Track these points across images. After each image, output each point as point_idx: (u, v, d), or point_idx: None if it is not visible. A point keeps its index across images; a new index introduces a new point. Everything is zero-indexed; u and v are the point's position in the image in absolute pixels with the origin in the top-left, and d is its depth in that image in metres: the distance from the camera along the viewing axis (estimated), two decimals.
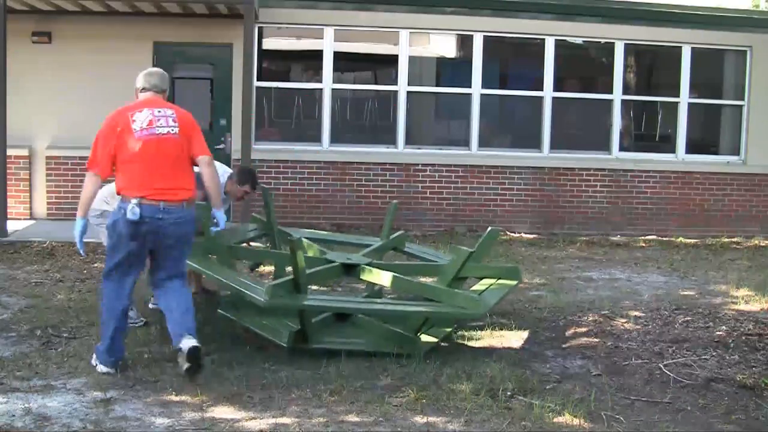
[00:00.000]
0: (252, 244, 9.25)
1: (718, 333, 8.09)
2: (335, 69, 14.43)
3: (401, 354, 6.80)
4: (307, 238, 8.67)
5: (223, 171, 8.27)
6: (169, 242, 6.40)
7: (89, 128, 13.59)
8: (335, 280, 8.74)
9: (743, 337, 7.94)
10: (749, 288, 10.48)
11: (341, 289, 9.64)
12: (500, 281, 7.80)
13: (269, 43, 14.85)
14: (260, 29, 14.32)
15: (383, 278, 7.37)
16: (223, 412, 5.61)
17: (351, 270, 7.58)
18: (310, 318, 6.92)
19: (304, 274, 6.77)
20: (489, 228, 8.18)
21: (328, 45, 14.47)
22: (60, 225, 13.08)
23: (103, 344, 6.43)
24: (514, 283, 7.89)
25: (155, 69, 7.12)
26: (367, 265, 7.50)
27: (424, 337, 7.10)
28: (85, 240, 6.60)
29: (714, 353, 7.42)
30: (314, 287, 8.68)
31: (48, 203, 13.87)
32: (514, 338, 7.74)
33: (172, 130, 6.55)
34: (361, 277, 7.60)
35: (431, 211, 14.61)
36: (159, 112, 6.59)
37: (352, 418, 5.58)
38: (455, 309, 6.96)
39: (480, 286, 7.73)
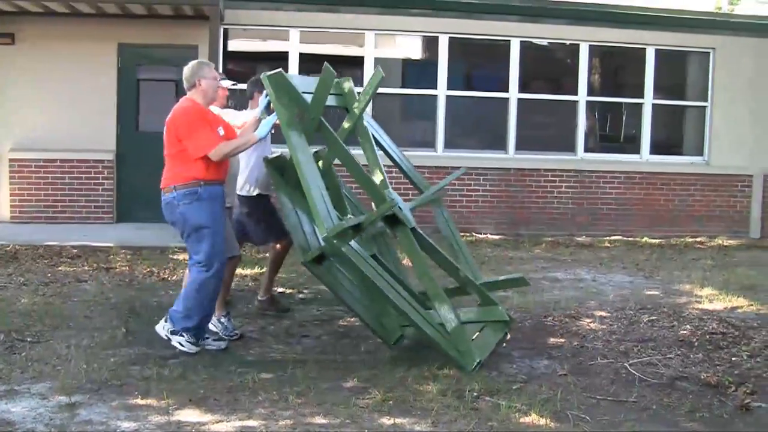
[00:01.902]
0: None
1: (682, 332, 8.14)
2: (301, 71, 14.38)
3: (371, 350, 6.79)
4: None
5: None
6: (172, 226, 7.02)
7: (53, 130, 13.66)
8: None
9: (707, 336, 7.99)
10: (713, 287, 10.56)
11: None
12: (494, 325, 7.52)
13: (235, 45, 14.82)
14: (226, 31, 14.28)
15: (413, 263, 7.15)
16: (189, 415, 5.58)
17: (393, 222, 7.25)
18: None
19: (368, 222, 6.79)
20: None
21: (294, 47, 14.46)
22: (23, 228, 13.01)
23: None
24: (503, 332, 7.63)
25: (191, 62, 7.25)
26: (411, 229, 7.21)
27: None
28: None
29: (678, 352, 7.47)
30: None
31: (11, 206, 13.73)
32: None
33: (165, 127, 6.97)
34: (397, 238, 7.35)
35: None
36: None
37: (319, 420, 5.57)
38: (450, 350, 6.83)
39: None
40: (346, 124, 7.61)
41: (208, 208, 6.76)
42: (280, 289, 9.68)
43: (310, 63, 14.45)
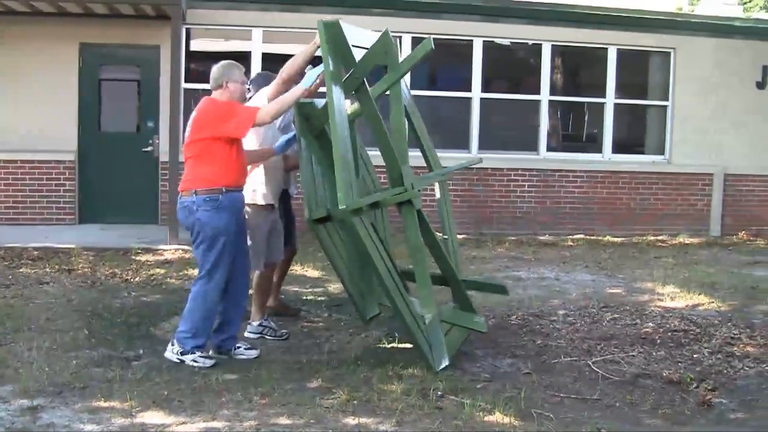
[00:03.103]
0: None
1: (644, 330, 8.21)
2: (264, 70, 14.30)
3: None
4: None
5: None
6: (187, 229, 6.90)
7: (13, 130, 13.54)
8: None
9: (669, 334, 8.07)
10: (675, 285, 10.65)
11: None
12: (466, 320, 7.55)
13: (197, 45, 14.75)
14: (188, 30, 14.22)
15: (409, 244, 7.05)
16: (152, 417, 5.55)
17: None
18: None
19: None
20: None
21: (257, 46, 14.42)
22: None
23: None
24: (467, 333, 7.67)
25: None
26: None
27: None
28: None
29: (641, 350, 7.53)
30: None
31: None
32: None
33: (187, 131, 6.84)
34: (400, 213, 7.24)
35: None
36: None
37: (283, 420, 5.56)
38: (423, 344, 6.82)
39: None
40: (382, 85, 7.43)
41: (227, 217, 6.64)
42: None
43: (272, 63, 14.38)
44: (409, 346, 7.45)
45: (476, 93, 15.16)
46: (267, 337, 7.50)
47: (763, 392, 6.50)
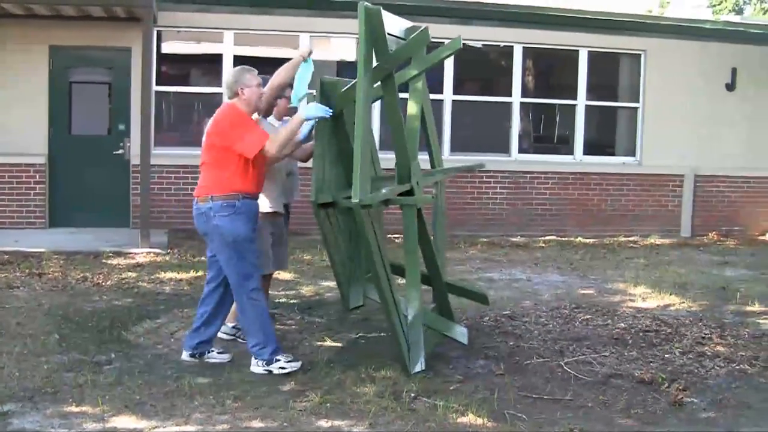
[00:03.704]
0: None
1: (616, 330, 8.25)
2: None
3: None
4: None
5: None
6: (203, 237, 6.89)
7: None
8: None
9: (641, 334, 8.12)
10: (646, 285, 10.71)
11: None
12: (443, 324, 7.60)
13: (168, 47, 14.69)
14: (159, 33, 14.16)
15: (406, 242, 7.10)
16: (124, 421, 5.52)
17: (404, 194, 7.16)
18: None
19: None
20: None
21: (228, 49, 14.38)
22: None
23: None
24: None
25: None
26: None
27: None
28: None
29: (613, 350, 7.56)
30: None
31: None
32: None
33: (204, 134, 6.82)
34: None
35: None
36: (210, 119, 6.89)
37: (257, 424, 5.54)
38: (403, 344, 6.79)
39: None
40: (405, 74, 7.40)
41: (244, 223, 6.58)
42: None
43: (244, 65, 14.32)
44: (381, 348, 7.46)
45: (448, 95, 15.18)
46: (239, 340, 7.47)
47: (734, 391, 6.55)
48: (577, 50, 15.79)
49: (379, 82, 6.90)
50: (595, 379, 6.74)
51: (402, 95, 7.21)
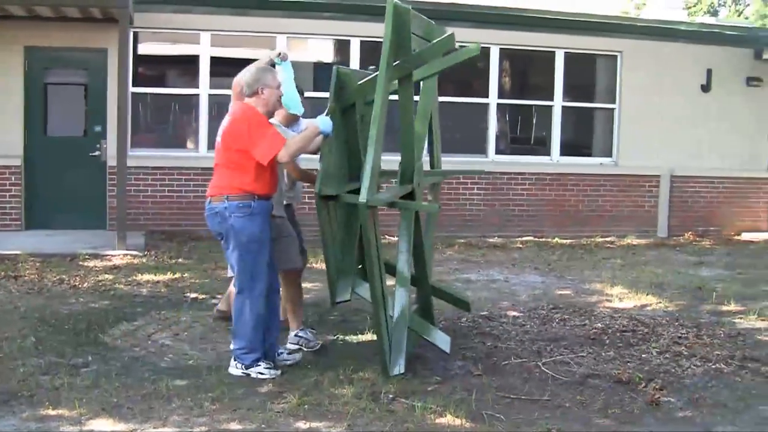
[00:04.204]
0: None
1: (593, 330, 8.28)
2: (212, 74, 14.27)
3: None
4: None
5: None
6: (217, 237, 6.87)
7: None
8: None
9: (618, 334, 8.15)
10: (623, 286, 10.76)
11: None
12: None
13: (145, 48, 14.64)
14: (135, 34, 14.09)
15: (400, 241, 7.14)
16: (102, 424, 5.50)
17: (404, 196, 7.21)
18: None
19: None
20: None
21: (205, 50, 14.34)
22: None
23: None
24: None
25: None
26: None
27: None
28: None
29: (590, 350, 7.59)
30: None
31: None
32: None
33: (219, 137, 6.76)
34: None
35: (309, 216, 14.54)
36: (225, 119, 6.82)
37: (234, 426, 5.53)
38: (386, 344, 6.80)
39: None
40: (419, 74, 7.40)
41: (260, 223, 6.55)
42: (193, 295, 9.59)
43: (221, 66, 14.33)
44: (359, 348, 7.47)
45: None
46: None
47: (710, 390, 6.58)
48: (554, 51, 15.84)
49: (395, 81, 6.90)
50: (572, 379, 6.76)
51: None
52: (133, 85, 13.82)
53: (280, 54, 7.27)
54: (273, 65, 7.15)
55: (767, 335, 8.42)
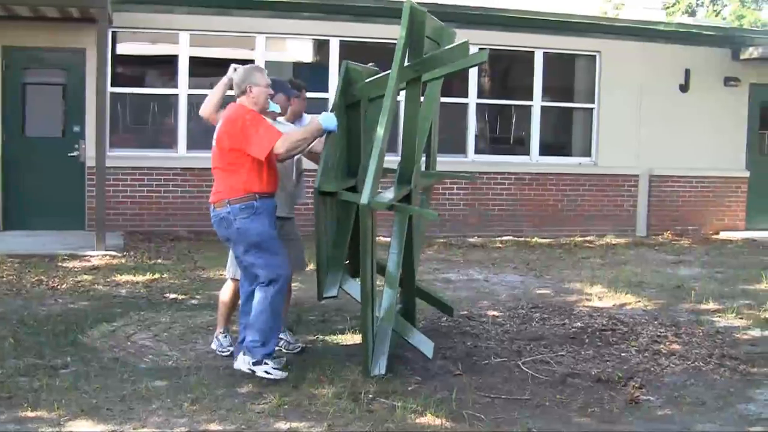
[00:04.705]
0: None
1: (573, 329, 8.31)
2: (191, 74, 14.23)
3: None
4: None
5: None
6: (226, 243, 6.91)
7: None
8: None
9: (597, 333, 8.17)
10: (602, 285, 10.79)
11: None
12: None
13: (124, 48, 14.57)
14: (114, 34, 14.03)
15: (393, 242, 7.17)
16: (81, 426, 5.48)
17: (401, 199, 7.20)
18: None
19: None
20: None
21: (184, 50, 14.29)
22: None
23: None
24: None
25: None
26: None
27: None
28: None
29: (570, 349, 7.61)
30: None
31: None
32: None
33: (213, 141, 6.74)
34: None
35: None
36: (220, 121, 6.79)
37: (214, 426, 5.52)
38: (369, 345, 6.78)
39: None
40: (425, 77, 7.40)
41: (266, 222, 6.54)
42: (173, 295, 9.56)
43: (200, 66, 14.30)
44: (339, 349, 7.48)
45: (404, 97, 15.14)
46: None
47: (689, 388, 6.62)
48: (533, 51, 15.87)
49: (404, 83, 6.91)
50: (552, 379, 6.78)
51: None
52: (111, 85, 13.74)
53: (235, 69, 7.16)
54: None
55: (745, 333, 8.49)
